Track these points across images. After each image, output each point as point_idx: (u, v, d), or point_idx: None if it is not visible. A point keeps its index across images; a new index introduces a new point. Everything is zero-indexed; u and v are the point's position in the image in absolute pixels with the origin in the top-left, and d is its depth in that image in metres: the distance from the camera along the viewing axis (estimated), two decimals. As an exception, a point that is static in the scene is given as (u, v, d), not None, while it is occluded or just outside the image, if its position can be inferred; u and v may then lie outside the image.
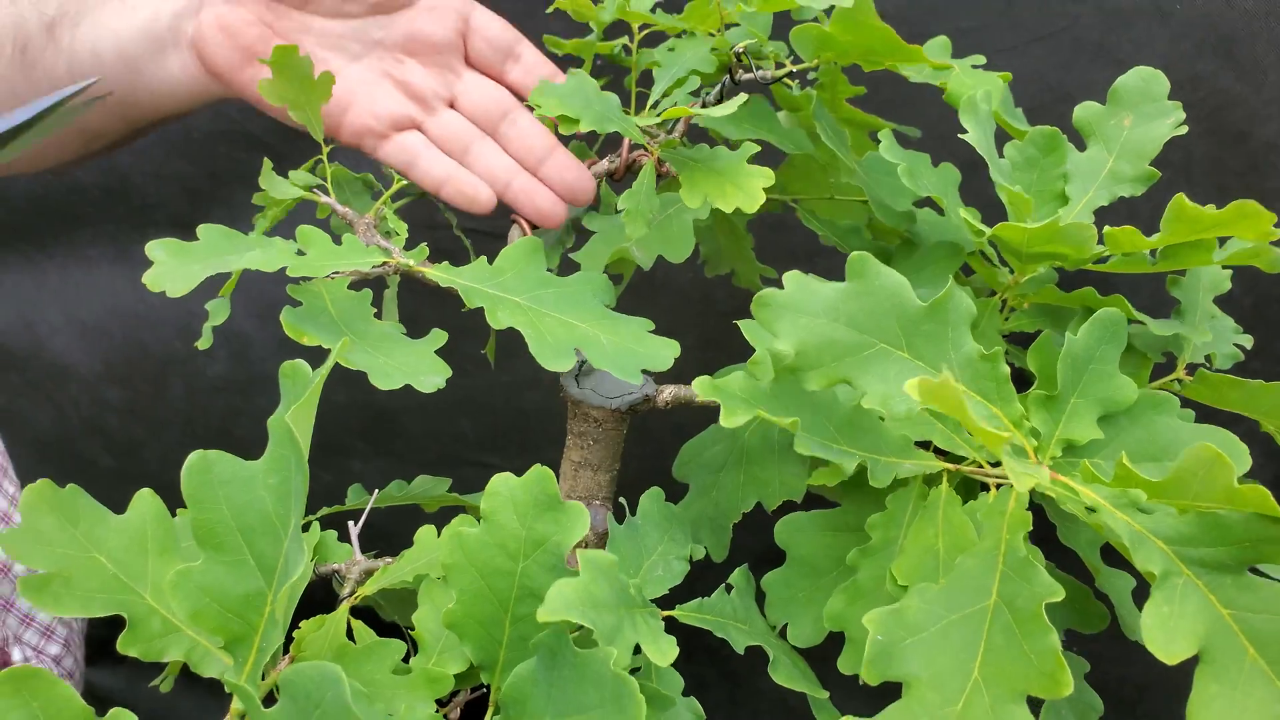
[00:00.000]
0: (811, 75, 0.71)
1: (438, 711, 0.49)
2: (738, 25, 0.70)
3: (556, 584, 0.44)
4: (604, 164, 0.71)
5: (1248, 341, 0.62)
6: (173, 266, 0.60)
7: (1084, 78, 0.84)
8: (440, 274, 0.58)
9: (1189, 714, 0.40)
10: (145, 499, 0.53)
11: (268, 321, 0.63)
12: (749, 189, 0.56)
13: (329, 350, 0.56)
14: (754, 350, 0.56)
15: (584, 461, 0.65)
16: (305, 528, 0.66)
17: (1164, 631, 0.40)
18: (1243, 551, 0.41)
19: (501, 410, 1.01)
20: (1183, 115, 0.59)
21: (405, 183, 0.69)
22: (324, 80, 0.63)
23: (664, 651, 0.45)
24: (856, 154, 0.70)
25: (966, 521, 0.49)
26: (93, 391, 1.12)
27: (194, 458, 0.46)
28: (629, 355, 0.56)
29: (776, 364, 0.50)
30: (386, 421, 1.02)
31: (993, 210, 0.64)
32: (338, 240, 0.60)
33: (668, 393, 0.65)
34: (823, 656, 0.57)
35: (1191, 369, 0.61)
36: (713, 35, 0.63)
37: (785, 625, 0.58)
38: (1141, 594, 0.60)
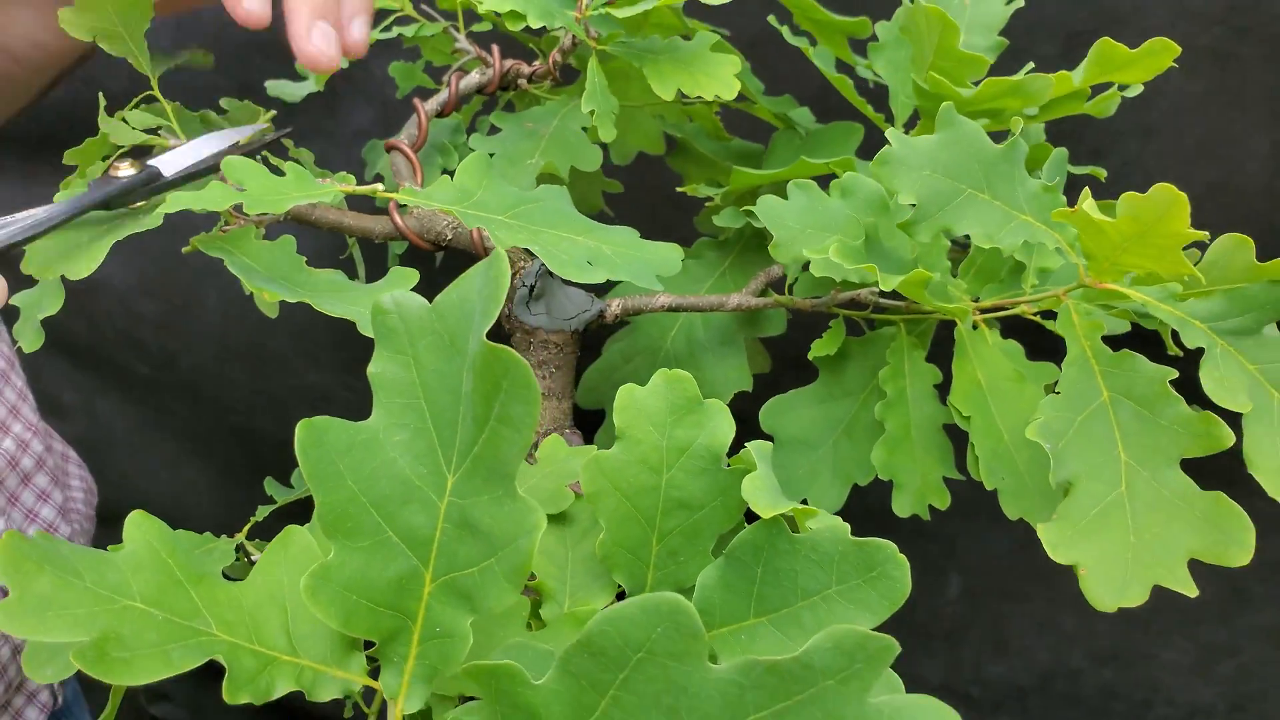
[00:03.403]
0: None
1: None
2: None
3: (748, 480, 0.42)
4: (474, 76, 0.66)
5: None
6: (53, 244, 0.47)
7: (1138, 0, 0.82)
8: (419, 199, 0.51)
9: (1246, 457, 0.49)
10: (137, 523, 0.41)
11: (306, 232, 0.58)
12: (721, 76, 0.55)
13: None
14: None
15: (548, 391, 0.61)
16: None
17: (1225, 391, 0.48)
18: (1260, 315, 0.50)
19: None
20: (1014, -8, 0.68)
21: (268, 115, 0.59)
22: None
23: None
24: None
25: (996, 353, 0.55)
26: (126, 304, 1.12)
27: (302, 430, 0.37)
28: (639, 263, 0.53)
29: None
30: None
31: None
32: (279, 172, 0.50)
33: (615, 305, 0.63)
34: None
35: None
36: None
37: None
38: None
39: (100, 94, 0.53)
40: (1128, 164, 0.91)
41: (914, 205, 0.48)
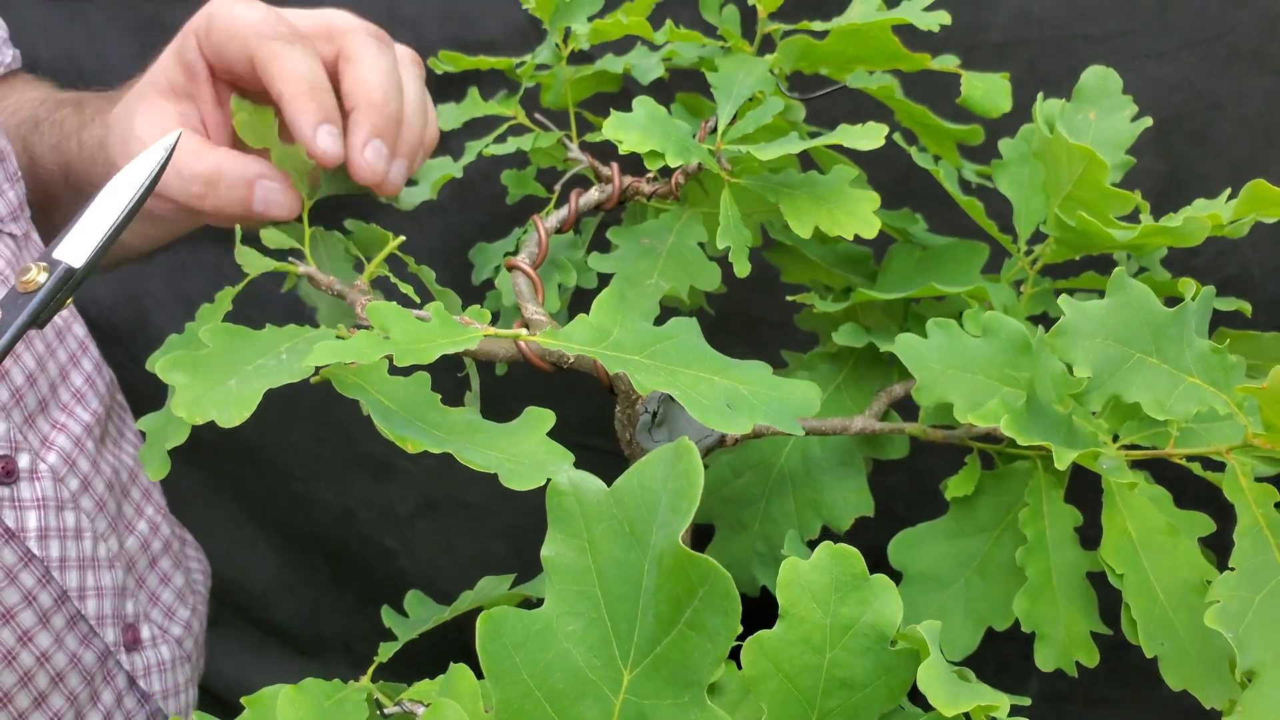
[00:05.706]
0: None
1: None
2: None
3: (925, 670, 0.40)
4: (594, 193, 0.65)
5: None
6: (203, 388, 0.46)
7: (1237, 86, 0.80)
8: (558, 342, 0.50)
9: None
10: (291, 700, 0.40)
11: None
12: (861, 214, 0.54)
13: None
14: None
15: (670, 521, 0.60)
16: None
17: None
18: None
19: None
20: (1136, 109, 0.67)
21: (398, 241, 0.58)
22: None
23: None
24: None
25: (1145, 502, 0.53)
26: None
27: (483, 625, 0.36)
28: (777, 404, 0.51)
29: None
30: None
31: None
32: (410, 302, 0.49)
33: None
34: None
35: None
36: (759, 55, 0.59)
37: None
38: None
39: (238, 227, 0.53)
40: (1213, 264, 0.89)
41: (1089, 377, 0.46)
